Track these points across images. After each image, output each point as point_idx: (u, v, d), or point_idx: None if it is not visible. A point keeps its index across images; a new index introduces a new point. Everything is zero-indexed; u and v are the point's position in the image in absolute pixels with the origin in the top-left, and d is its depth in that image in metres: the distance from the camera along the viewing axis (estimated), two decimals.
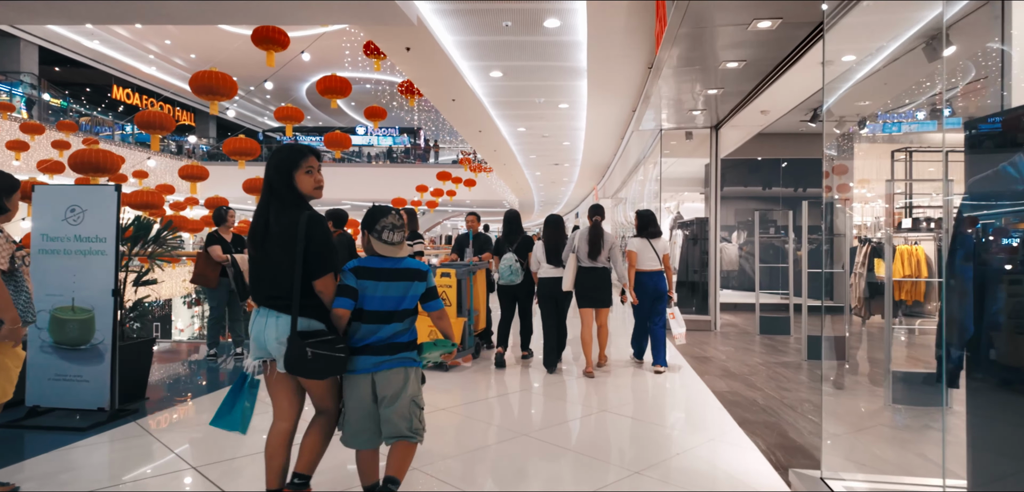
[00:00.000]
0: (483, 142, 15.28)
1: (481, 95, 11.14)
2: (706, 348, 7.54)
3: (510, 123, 13.40)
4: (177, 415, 4.61)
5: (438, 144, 28.37)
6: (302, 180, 2.56)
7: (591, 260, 5.83)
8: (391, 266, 2.67)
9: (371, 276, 2.64)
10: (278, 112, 12.28)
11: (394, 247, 2.68)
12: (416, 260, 2.82)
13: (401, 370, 2.65)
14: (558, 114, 12.67)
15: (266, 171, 2.60)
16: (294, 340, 2.44)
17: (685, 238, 10.50)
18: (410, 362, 2.70)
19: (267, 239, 2.52)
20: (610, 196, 20.25)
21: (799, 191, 14.08)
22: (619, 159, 15.72)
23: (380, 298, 2.64)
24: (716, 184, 9.06)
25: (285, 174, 2.55)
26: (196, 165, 12.51)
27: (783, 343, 7.93)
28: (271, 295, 2.54)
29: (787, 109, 7.78)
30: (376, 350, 2.62)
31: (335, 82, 11.40)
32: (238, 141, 12.22)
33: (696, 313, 9.26)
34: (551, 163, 18.72)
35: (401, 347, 2.67)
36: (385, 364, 2.62)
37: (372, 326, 2.63)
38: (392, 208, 2.77)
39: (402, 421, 2.63)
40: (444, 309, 2.86)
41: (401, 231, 2.71)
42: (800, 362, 6.74)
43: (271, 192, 2.55)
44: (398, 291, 2.66)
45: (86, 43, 21.90)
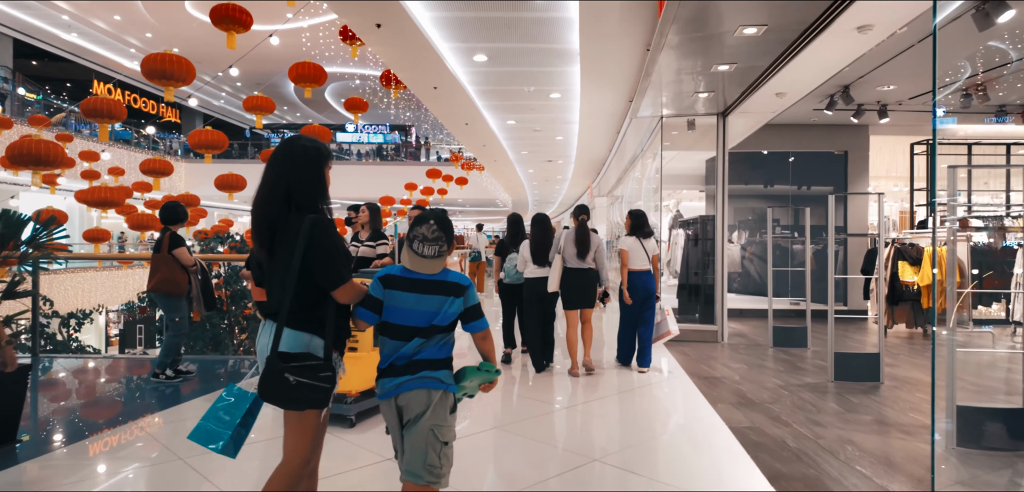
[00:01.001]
0: (471, 137, 14.17)
1: (465, 82, 10.04)
2: (714, 364, 6.45)
3: (498, 115, 12.30)
4: (55, 466, 3.51)
5: (429, 142, 27.23)
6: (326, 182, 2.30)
7: (579, 261, 5.74)
8: (424, 277, 2.25)
9: (400, 285, 2.24)
10: (247, 102, 11.20)
11: (426, 262, 2.24)
12: (456, 273, 2.33)
13: (423, 392, 2.19)
14: (549, 105, 11.57)
15: (281, 167, 2.20)
16: (273, 360, 2.07)
17: (687, 238, 9.40)
18: (435, 383, 2.21)
19: (276, 244, 2.17)
20: (605, 194, 19.16)
21: (803, 189, 13.03)
22: (615, 155, 14.63)
23: (407, 312, 2.23)
24: (723, 178, 7.97)
25: (317, 175, 2.24)
26: (159, 159, 11.44)
27: (800, 358, 6.85)
28: (274, 309, 2.19)
29: (807, 90, 6.70)
30: (397, 370, 2.21)
31: (309, 69, 10.39)
32: (204, 133, 11.15)
33: (700, 322, 8.16)
34: (544, 160, 17.61)
35: (426, 364, 2.22)
36: (405, 385, 2.20)
37: (395, 343, 2.23)
38: (433, 214, 2.30)
39: (416, 456, 2.17)
40: (489, 330, 2.38)
41: (437, 245, 2.24)
42: (826, 383, 5.66)
43: (288, 193, 2.17)
44: (431, 305, 2.23)
45: (63, 36, 20.76)
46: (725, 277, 7.84)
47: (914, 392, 5.39)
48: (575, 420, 4.53)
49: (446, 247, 2.25)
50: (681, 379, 5.77)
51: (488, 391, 2.40)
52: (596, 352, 6.67)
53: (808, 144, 10.42)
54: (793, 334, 7.42)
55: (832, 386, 5.57)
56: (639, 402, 5.03)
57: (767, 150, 11.03)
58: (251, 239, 2.32)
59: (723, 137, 7.93)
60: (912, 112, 9.15)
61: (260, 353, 2.20)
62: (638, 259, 5.96)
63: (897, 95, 8.37)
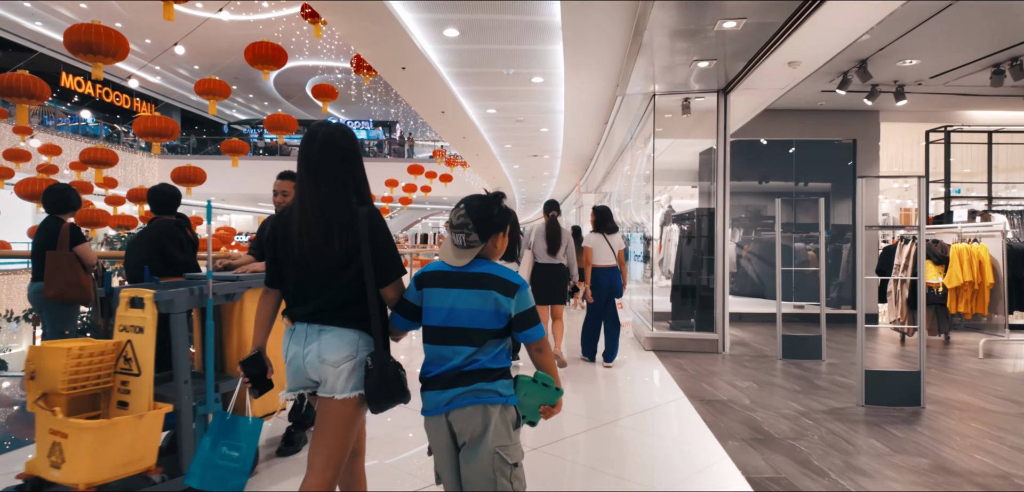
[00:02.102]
0: (449, 128, 12.99)
1: (436, 62, 8.87)
2: (717, 382, 5.31)
3: (477, 102, 11.13)
4: None
5: (413, 138, 26.01)
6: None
7: (550, 256, 5.66)
8: (461, 271, 1.88)
9: (435, 281, 1.91)
10: (199, 85, 10.01)
11: (458, 252, 1.89)
12: (503, 267, 1.91)
13: (479, 408, 1.81)
14: (532, 91, 10.41)
15: (344, 152, 1.96)
16: (384, 357, 1.87)
17: (682, 235, 8.26)
18: (492, 397, 1.83)
19: (324, 241, 1.88)
20: (593, 190, 18.03)
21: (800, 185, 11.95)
22: (603, 148, 13.50)
23: (446, 311, 1.87)
24: (725, 165, 6.84)
25: (361, 162, 2.03)
26: (101, 148, 10.23)
27: (815, 373, 5.72)
28: (316, 309, 1.90)
29: (825, 59, 5.58)
30: (446, 381, 1.83)
31: (266, 50, 9.24)
32: (152, 120, 9.95)
33: (697, 330, 7.03)
34: (529, 154, 16.45)
35: (480, 375, 1.82)
36: (458, 401, 1.82)
37: (440, 349, 1.87)
38: (469, 199, 1.92)
39: (482, 482, 1.79)
40: (545, 340, 1.94)
41: (463, 232, 1.88)
42: (855, 409, 4.53)
43: (345, 186, 1.94)
44: (472, 302, 1.85)
45: (28, 25, 19.43)
46: (726, 279, 6.71)
47: (966, 420, 4.27)
48: (541, 469, 3.38)
49: (476, 237, 1.87)
50: (679, 403, 4.63)
51: (550, 416, 1.93)
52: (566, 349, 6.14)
53: (813, 131, 9.31)
54: (805, 344, 6.30)
55: (863, 412, 4.44)
56: (630, 438, 3.89)
57: (767, 138, 9.91)
58: (270, 242, 2.03)
59: (724, 118, 6.80)
60: (931, 94, 8.06)
61: (291, 364, 1.94)
62: (602, 256, 5.83)
63: (918, 73, 7.27)
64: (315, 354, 1.88)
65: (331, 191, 1.92)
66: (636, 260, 10.03)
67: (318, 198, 1.91)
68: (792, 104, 8.89)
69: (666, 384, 5.22)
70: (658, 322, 8.36)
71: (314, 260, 1.90)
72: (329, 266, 1.89)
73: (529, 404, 1.90)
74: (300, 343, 1.91)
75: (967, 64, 6.88)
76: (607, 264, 5.82)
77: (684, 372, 5.67)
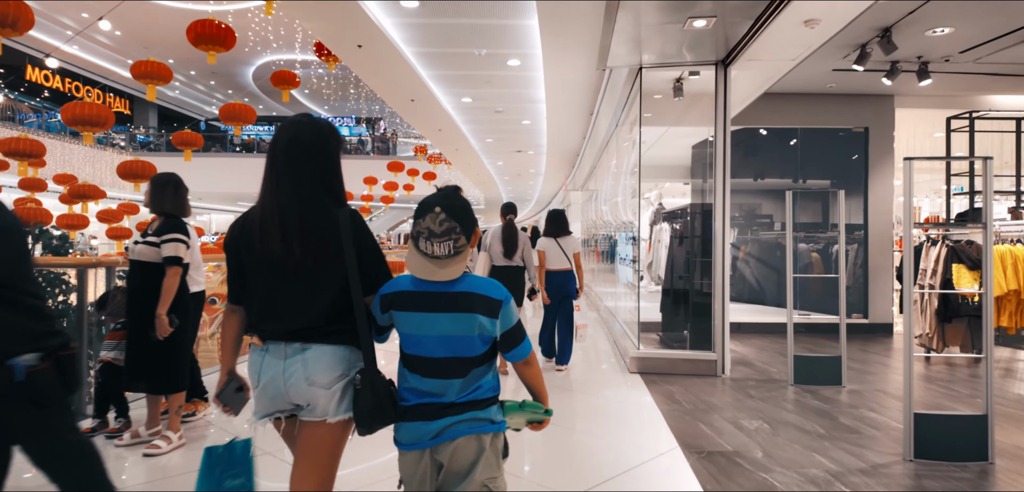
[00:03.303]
0: (423, 119, 11.77)
1: (397, 39, 7.66)
2: (718, 421, 4.12)
3: (449, 89, 9.92)
4: None
5: (396, 135, 24.73)
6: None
7: (506, 259, 5.56)
8: (438, 289, 1.60)
9: (406, 303, 1.63)
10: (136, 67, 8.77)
11: (437, 265, 1.59)
12: (483, 279, 1.63)
13: (473, 439, 1.61)
14: (509, 77, 9.22)
15: (314, 147, 1.74)
16: (375, 376, 1.63)
17: (673, 235, 7.07)
18: (487, 426, 1.64)
19: (292, 246, 1.65)
20: (580, 188, 16.83)
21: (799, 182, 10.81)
22: (589, 142, 12.33)
23: (421, 340, 1.61)
24: (724, 152, 5.64)
25: (338, 159, 1.82)
26: (25, 138, 8.99)
27: (837, 404, 4.55)
28: (298, 326, 1.67)
29: (850, 17, 4.39)
30: (432, 412, 1.61)
31: (210, 29, 8.09)
32: (82, 107, 8.75)
33: (690, 348, 5.84)
34: (512, 150, 15.25)
35: (472, 405, 1.62)
36: (450, 431, 1.60)
37: (420, 379, 1.63)
38: (440, 198, 1.63)
39: None
40: (533, 356, 1.74)
41: (449, 239, 1.58)
42: (904, 463, 3.35)
43: (314, 184, 1.71)
44: (452, 327, 1.59)
45: None
46: (726, 287, 5.51)
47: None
48: None
49: (464, 240, 1.60)
50: (671, 458, 3.43)
51: (538, 430, 1.74)
52: None
53: (820, 117, 8.13)
54: (821, 367, 5.12)
55: (914, 470, 3.26)
56: None
57: (768, 127, 8.72)
58: (231, 247, 1.74)
59: (724, 97, 5.60)
60: (956, 74, 6.90)
61: (266, 388, 1.68)
62: (555, 259, 5.76)
63: (948, 45, 6.10)
64: (301, 376, 1.65)
65: (293, 189, 1.69)
66: (623, 263, 8.85)
67: (279, 198, 1.68)
68: (797, 87, 7.71)
69: (653, 426, 4.02)
70: (646, 335, 7.17)
71: (282, 267, 1.67)
72: (305, 275, 1.67)
73: (516, 423, 1.73)
74: (278, 364, 1.67)
75: (1008, 33, 5.71)
76: (560, 268, 5.74)
77: (677, 406, 4.47)
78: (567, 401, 4.66)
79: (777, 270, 9.68)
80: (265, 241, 1.66)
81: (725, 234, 5.50)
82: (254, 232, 1.69)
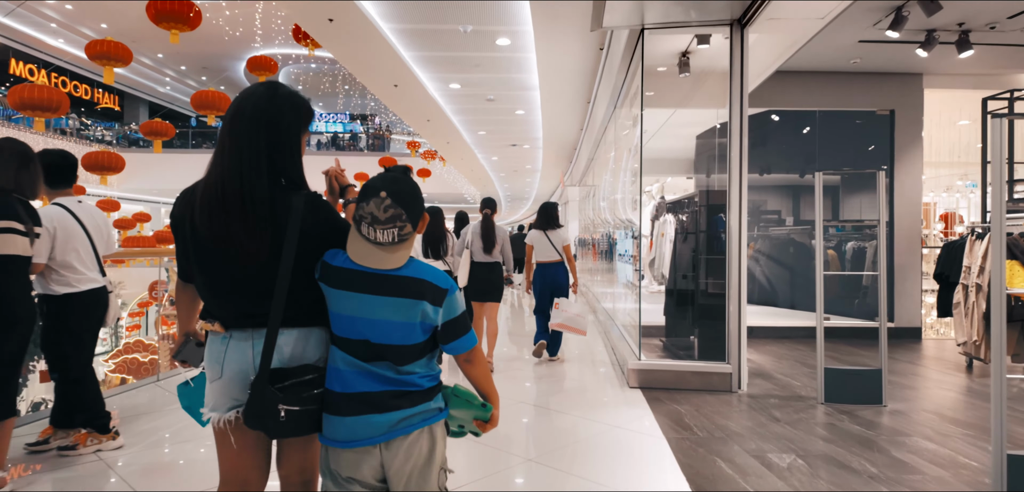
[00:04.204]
0: (408, 108, 10.91)
1: (373, 14, 6.80)
2: (739, 456, 3.24)
3: (435, 74, 9.06)
4: None
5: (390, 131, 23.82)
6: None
7: (485, 255, 5.52)
8: (382, 273, 1.46)
9: (342, 282, 1.47)
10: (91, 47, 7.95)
11: (380, 252, 1.45)
12: (429, 266, 1.51)
13: (426, 431, 1.49)
14: (499, 60, 8.37)
15: (261, 120, 1.49)
16: (261, 384, 1.44)
17: (679, 227, 6.19)
18: (436, 415, 1.51)
19: (255, 225, 1.45)
20: (577, 183, 15.93)
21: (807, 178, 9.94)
22: (586, 133, 11.46)
23: (354, 322, 1.46)
24: (741, 132, 4.74)
25: (295, 133, 1.55)
26: None
27: (882, 430, 3.67)
28: (251, 311, 1.49)
29: None
30: (373, 403, 1.44)
31: (171, 7, 7.35)
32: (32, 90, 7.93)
33: (700, 357, 4.95)
34: (507, 143, 14.38)
35: (421, 396, 1.48)
36: (403, 426, 1.45)
37: (356, 363, 1.46)
38: (385, 180, 1.47)
39: None
40: (477, 350, 1.57)
41: (394, 225, 1.44)
42: None
43: (271, 158, 1.50)
44: (391, 312, 1.45)
45: None
46: (743, 289, 4.61)
47: None
48: None
49: (410, 227, 1.46)
50: None
51: (488, 429, 1.58)
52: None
53: (840, 98, 7.22)
54: (856, 383, 4.23)
55: None
56: None
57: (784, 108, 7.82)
58: (176, 223, 1.55)
59: (741, 66, 4.70)
60: (1000, 46, 6.01)
61: (230, 378, 1.51)
62: (543, 252, 5.81)
63: (995, 10, 5.21)
64: (275, 362, 1.47)
65: (234, 164, 1.46)
66: (622, 260, 7.98)
67: (219, 171, 1.47)
68: (816, 63, 6.84)
69: (658, 462, 3.15)
70: (648, 341, 6.30)
71: (235, 250, 1.46)
72: (261, 260, 1.46)
73: (461, 418, 1.57)
74: (245, 352, 1.49)
75: None
76: (549, 260, 5.79)
77: (686, 434, 3.60)
78: (552, 426, 3.80)
79: (789, 268, 8.79)
80: (202, 218, 1.47)
81: (742, 227, 4.61)
82: (194, 207, 1.50)
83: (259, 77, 9.93)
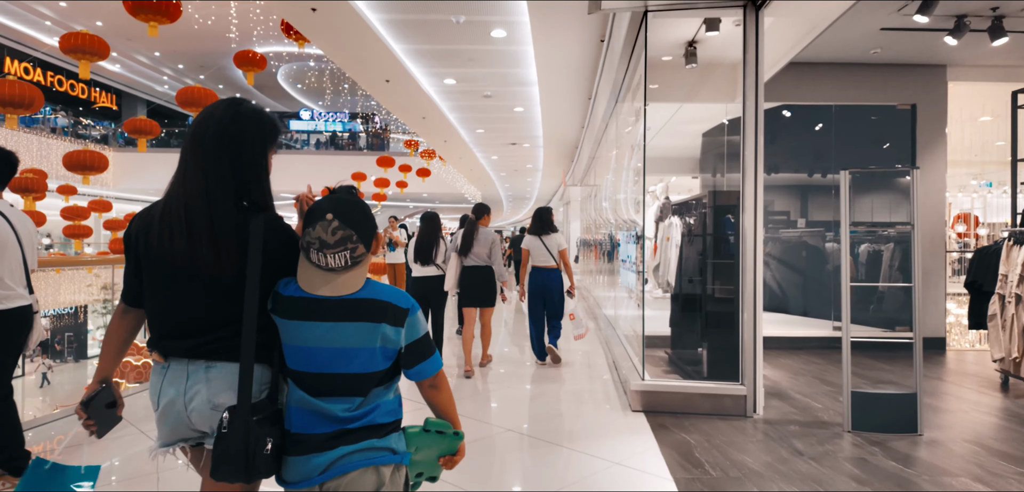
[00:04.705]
0: (403, 105, 10.44)
1: (359, 3, 6.33)
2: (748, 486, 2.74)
3: (428, 67, 8.58)
4: None
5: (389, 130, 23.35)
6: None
7: (464, 257, 5.52)
8: (335, 298, 1.36)
9: (296, 312, 1.37)
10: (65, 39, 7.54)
11: (331, 278, 1.36)
12: (387, 287, 1.42)
13: (371, 471, 1.34)
14: (494, 52, 7.88)
15: (222, 138, 1.42)
16: (245, 418, 1.31)
17: (686, 230, 5.68)
18: (386, 456, 1.37)
19: (219, 247, 1.37)
20: (579, 183, 15.42)
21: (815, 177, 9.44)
22: (588, 130, 10.97)
23: (311, 353, 1.35)
24: (756, 126, 4.22)
25: (260, 152, 1.47)
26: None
27: (918, 463, 3.17)
28: (202, 340, 1.39)
29: None
30: (321, 442, 1.33)
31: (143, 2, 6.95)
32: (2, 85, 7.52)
33: (709, 377, 4.45)
34: (506, 142, 13.89)
35: (370, 431, 1.36)
36: (343, 464, 1.33)
37: (309, 400, 1.35)
38: (331, 202, 1.38)
39: None
40: (441, 375, 1.46)
41: (344, 249, 1.34)
42: None
43: (233, 180, 1.42)
44: (353, 339, 1.35)
45: None
46: (758, 301, 4.11)
47: None
48: None
49: (363, 249, 1.37)
50: None
51: (454, 465, 1.45)
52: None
53: (858, 92, 6.70)
54: (887, 408, 3.72)
55: None
56: None
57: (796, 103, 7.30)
58: (130, 243, 1.45)
59: (756, 52, 4.18)
60: None
61: (166, 411, 1.40)
62: (539, 257, 5.79)
63: None
64: (204, 398, 1.38)
65: (197, 185, 1.39)
66: (624, 266, 7.48)
67: (181, 191, 1.40)
68: (833, 54, 6.32)
69: None
70: (652, 354, 5.82)
71: (181, 271, 1.38)
72: (206, 282, 1.38)
73: (425, 459, 1.43)
74: (179, 385, 1.39)
75: None
76: (544, 265, 5.78)
77: (698, 472, 3.10)
78: (543, 462, 3.31)
79: (801, 273, 8.28)
80: (162, 239, 1.38)
81: (757, 228, 4.11)
82: (153, 227, 1.40)
83: (247, 73, 9.46)
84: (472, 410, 4.33)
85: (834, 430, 3.76)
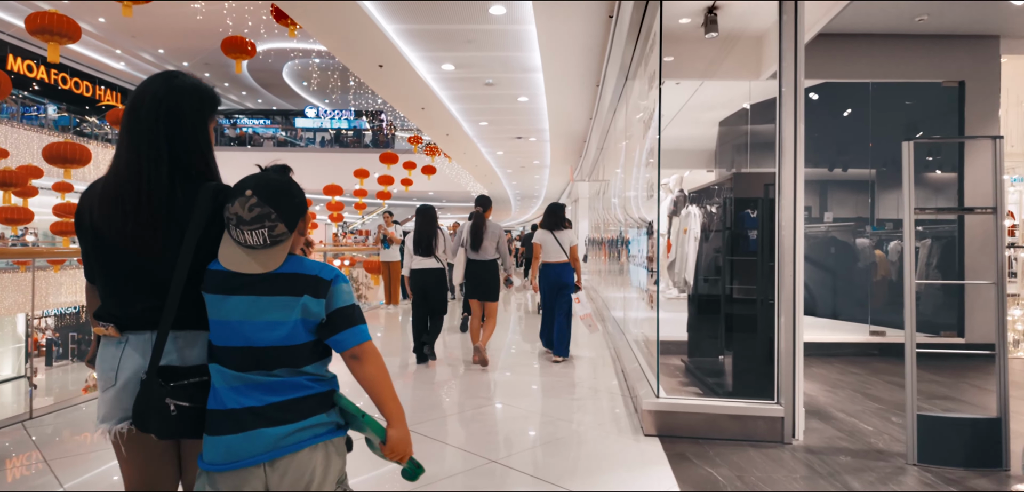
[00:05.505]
0: (400, 94, 9.78)
1: None
2: None
3: (424, 51, 7.90)
4: None
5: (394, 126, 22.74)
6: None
7: (473, 252, 5.65)
8: (254, 273, 1.32)
9: (218, 285, 1.33)
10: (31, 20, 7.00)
11: (252, 256, 1.31)
12: (313, 261, 1.38)
13: (320, 448, 1.31)
14: (494, 33, 7.20)
15: (158, 111, 1.37)
16: (152, 381, 1.32)
17: (707, 219, 4.91)
18: (332, 431, 1.34)
19: (153, 220, 1.34)
20: (587, 178, 14.67)
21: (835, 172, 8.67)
22: (595, 121, 10.24)
23: (238, 326, 1.30)
24: (795, 96, 3.44)
25: (199, 122, 1.43)
26: None
27: None
28: (150, 312, 1.36)
29: None
30: (257, 417, 1.27)
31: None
32: None
33: (732, 392, 3.72)
34: (511, 135, 13.18)
35: (311, 405, 1.32)
36: (290, 443, 1.28)
37: (238, 375, 1.30)
38: (254, 180, 1.32)
39: None
40: (369, 345, 1.35)
41: (262, 225, 1.28)
42: None
43: (172, 152, 1.38)
44: (275, 313, 1.30)
45: None
46: (799, 303, 3.36)
47: None
48: None
49: (283, 227, 1.30)
50: None
51: (396, 456, 1.35)
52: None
53: (899, 67, 5.90)
54: (962, 435, 2.96)
55: None
56: None
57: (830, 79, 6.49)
58: (79, 221, 1.43)
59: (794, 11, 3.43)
60: None
61: (124, 385, 1.37)
62: (551, 252, 5.86)
63: None
64: (174, 360, 1.35)
65: (134, 158, 1.36)
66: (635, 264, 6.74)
67: (119, 166, 1.38)
68: (874, 24, 5.55)
69: None
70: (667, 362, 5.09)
71: (127, 245, 1.36)
72: (153, 254, 1.35)
73: (359, 433, 1.39)
74: (138, 360, 1.35)
75: None
76: (555, 260, 5.86)
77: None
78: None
79: (831, 272, 7.49)
80: (103, 215, 1.36)
81: (796, 219, 3.36)
82: (95, 204, 1.39)
83: (235, 60, 8.86)
84: (453, 431, 3.63)
85: (895, 463, 3.01)
